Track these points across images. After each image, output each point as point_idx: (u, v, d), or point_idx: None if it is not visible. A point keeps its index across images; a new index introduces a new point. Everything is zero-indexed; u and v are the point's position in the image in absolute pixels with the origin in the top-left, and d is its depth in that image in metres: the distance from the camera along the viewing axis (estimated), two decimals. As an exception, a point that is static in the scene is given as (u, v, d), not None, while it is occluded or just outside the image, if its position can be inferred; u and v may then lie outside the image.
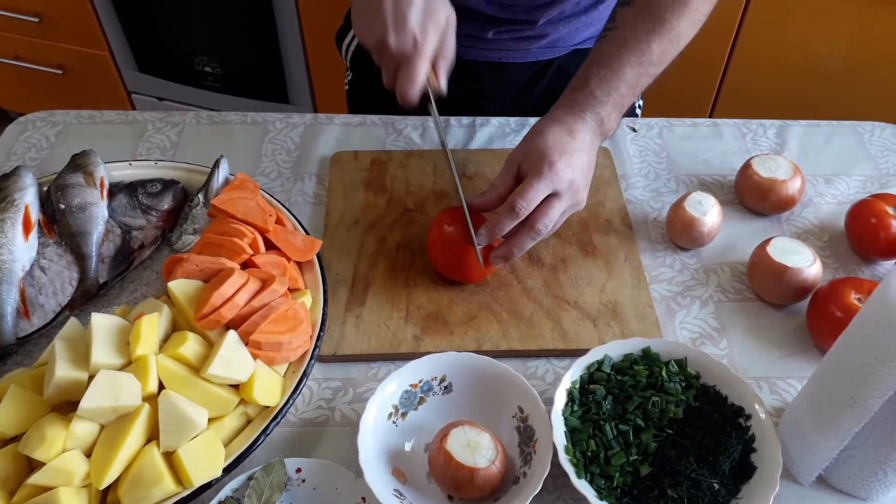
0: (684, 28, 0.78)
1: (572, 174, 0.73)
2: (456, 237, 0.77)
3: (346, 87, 1.18)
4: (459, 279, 0.80)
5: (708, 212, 0.84)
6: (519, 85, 1.04)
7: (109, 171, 0.84)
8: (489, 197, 0.76)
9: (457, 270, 0.79)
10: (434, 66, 0.73)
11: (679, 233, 0.85)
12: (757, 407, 0.67)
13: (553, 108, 0.78)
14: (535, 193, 0.71)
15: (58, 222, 0.79)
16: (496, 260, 0.76)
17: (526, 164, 0.74)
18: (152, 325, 0.63)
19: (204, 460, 0.60)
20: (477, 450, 0.63)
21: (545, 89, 1.05)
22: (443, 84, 0.74)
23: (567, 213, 0.75)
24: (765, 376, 0.75)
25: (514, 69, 1.02)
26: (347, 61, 1.15)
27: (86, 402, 0.57)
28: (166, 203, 0.82)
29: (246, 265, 0.72)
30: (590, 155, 0.76)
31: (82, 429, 0.58)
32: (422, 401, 0.70)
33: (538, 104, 1.03)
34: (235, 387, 0.64)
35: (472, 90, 1.04)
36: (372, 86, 1.11)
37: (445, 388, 0.71)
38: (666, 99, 1.20)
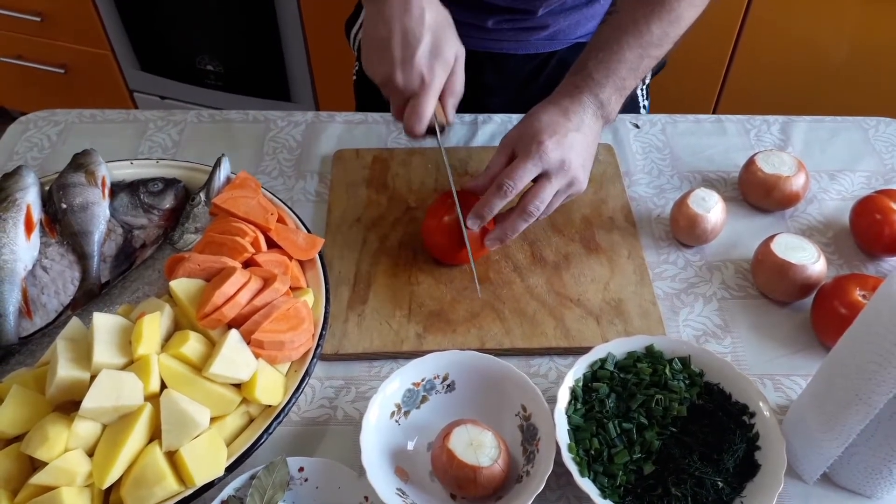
0: (685, 9, 0.78)
1: (563, 154, 0.72)
2: (449, 222, 0.78)
3: (354, 77, 1.17)
4: (454, 262, 0.81)
5: (711, 208, 0.83)
6: (520, 78, 1.04)
7: (111, 171, 0.84)
8: (483, 180, 0.77)
9: (450, 254, 0.80)
10: (441, 100, 0.74)
11: (682, 230, 0.85)
12: (761, 404, 0.67)
13: (553, 93, 0.79)
14: (523, 172, 0.72)
15: (59, 222, 0.79)
16: (491, 242, 0.77)
17: (518, 146, 0.74)
18: (154, 324, 0.63)
19: (206, 459, 0.59)
20: (480, 448, 0.63)
21: (547, 83, 1.04)
22: (450, 116, 0.76)
23: (563, 195, 0.75)
24: (769, 374, 0.75)
25: (515, 61, 1.02)
26: (355, 50, 1.15)
27: (88, 402, 0.57)
28: (168, 202, 0.82)
29: (248, 264, 0.72)
30: (586, 136, 0.75)
31: (84, 428, 0.58)
32: (424, 399, 0.70)
33: (540, 99, 1.03)
34: (237, 386, 0.64)
35: (473, 82, 1.04)
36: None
37: (448, 386, 0.71)
38: (669, 95, 1.20)
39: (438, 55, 0.71)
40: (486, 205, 0.73)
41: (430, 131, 0.75)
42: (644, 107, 1.11)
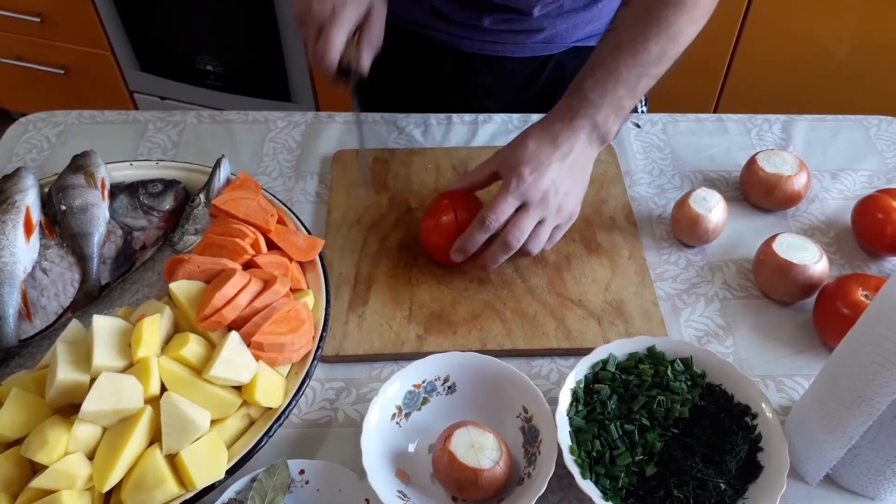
0: (683, 25, 0.76)
1: (543, 185, 0.73)
2: (447, 222, 0.78)
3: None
4: (452, 263, 0.79)
5: (713, 208, 0.83)
6: (517, 81, 1.04)
7: (110, 172, 0.84)
8: (464, 184, 0.79)
9: (448, 255, 0.78)
10: (359, 43, 0.76)
11: (684, 230, 0.85)
12: (763, 406, 0.67)
13: (548, 114, 0.78)
14: (504, 206, 0.73)
15: (59, 223, 0.79)
16: (475, 270, 0.78)
17: (502, 170, 0.75)
18: (154, 326, 0.63)
19: (207, 462, 0.59)
20: (481, 451, 0.62)
21: (544, 86, 1.04)
22: (365, 63, 0.77)
23: (550, 225, 0.75)
24: (771, 374, 0.75)
25: (511, 63, 1.01)
26: None
27: (88, 405, 0.57)
28: (167, 203, 0.82)
29: (248, 266, 0.72)
30: (574, 164, 0.75)
31: (84, 431, 0.58)
32: (425, 401, 0.70)
33: (537, 102, 1.02)
34: (238, 388, 0.64)
35: (470, 83, 1.04)
36: (375, 82, 1.11)
37: (449, 388, 0.70)
38: (670, 94, 1.19)
39: None
40: (468, 239, 0.74)
41: (345, 74, 0.76)
42: (642, 111, 1.11)
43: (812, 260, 0.77)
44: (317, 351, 0.69)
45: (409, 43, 1.00)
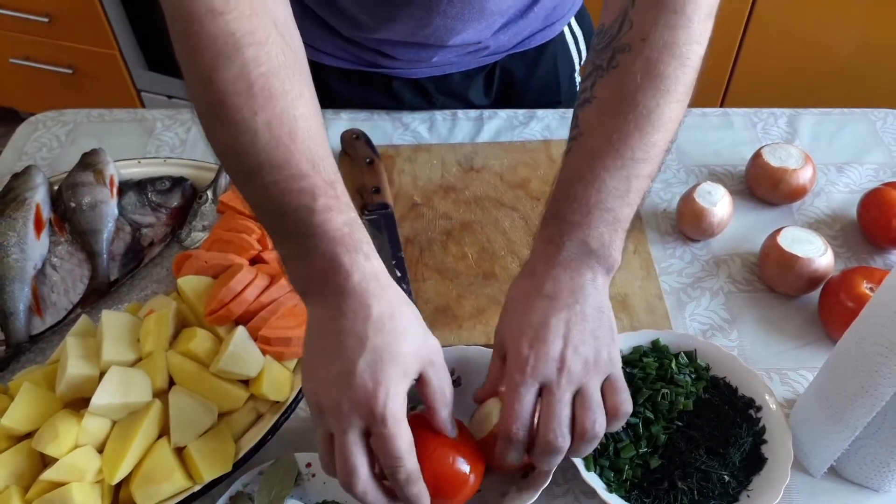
0: (665, 106, 0.60)
1: (554, 352, 0.56)
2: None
3: None
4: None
5: (718, 202, 0.83)
6: (463, 88, 1.03)
7: (119, 170, 0.85)
8: (488, 388, 0.62)
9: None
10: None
11: (689, 224, 0.85)
12: (767, 398, 0.67)
13: (528, 258, 0.62)
14: (521, 402, 0.55)
15: (68, 220, 0.80)
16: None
17: (508, 354, 0.59)
18: (162, 321, 0.64)
19: (214, 456, 0.60)
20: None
21: (497, 95, 1.04)
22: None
23: (595, 388, 0.56)
24: (776, 367, 0.75)
25: (456, 77, 1.01)
26: None
27: (97, 399, 0.58)
28: (175, 200, 0.83)
29: (255, 261, 0.73)
30: (584, 308, 0.57)
31: (94, 425, 0.59)
32: (431, 395, 0.70)
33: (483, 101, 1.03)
34: (245, 382, 0.65)
35: (418, 100, 1.03)
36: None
37: (454, 382, 0.71)
38: (675, 89, 1.20)
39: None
40: (504, 461, 0.57)
41: None
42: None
43: (817, 253, 0.77)
44: (323, 345, 0.69)
45: (353, 77, 0.99)
